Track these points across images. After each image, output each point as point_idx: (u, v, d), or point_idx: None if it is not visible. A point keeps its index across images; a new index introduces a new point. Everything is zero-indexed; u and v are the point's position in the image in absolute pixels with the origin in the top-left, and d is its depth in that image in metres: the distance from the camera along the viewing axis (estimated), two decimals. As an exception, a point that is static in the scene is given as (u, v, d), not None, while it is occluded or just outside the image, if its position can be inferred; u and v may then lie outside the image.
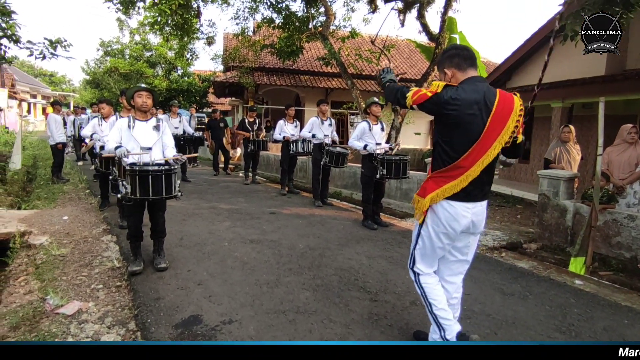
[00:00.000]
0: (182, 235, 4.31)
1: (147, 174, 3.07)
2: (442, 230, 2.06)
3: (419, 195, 2.12)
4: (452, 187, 2.00)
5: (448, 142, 2.00)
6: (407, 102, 2.07)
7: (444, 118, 1.98)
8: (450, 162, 2.00)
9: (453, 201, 2.02)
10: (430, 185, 2.07)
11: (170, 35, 11.04)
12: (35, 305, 2.71)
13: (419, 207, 2.11)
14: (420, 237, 2.16)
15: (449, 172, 2.01)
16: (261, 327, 2.46)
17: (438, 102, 1.95)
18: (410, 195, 6.46)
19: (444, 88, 1.96)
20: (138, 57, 21.29)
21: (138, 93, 3.30)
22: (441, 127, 2.04)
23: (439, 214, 2.05)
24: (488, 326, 2.60)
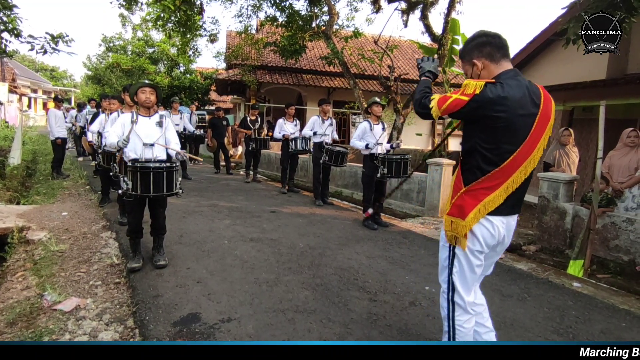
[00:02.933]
0: (182, 233, 4.31)
1: (149, 170, 3.08)
2: (477, 248, 1.80)
3: (454, 216, 1.80)
4: (493, 200, 1.73)
5: (492, 148, 1.71)
6: (432, 113, 1.78)
7: (489, 121, 1.68)
8: (490, 171, 1.73)
9: (491, 216, 1.76)
10: (467, 201, 1.77)
11: (173, 32, 11.03)
12: (33, 302, 2.71)
13: (458, 231, 1.79)
14: (455, 259, 1.86)
15: (489, 182, 1.74)
16: (260, 326, 2.47)
17: (481, 105, 1.66)
18: (411, 195, 6.46)
19: (486, 87, 1.67)
20: (140, 53, 21.27)
21: (142, 89, 3.30)
22: (482, 132, 1.72)
23: (476, 232, 1.77)
24: (486, 328, 2.60)
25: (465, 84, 1.72)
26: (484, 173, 1.74)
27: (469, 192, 1.78)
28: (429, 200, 6.10)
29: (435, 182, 5.99)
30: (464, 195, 1.79)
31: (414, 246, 4.32)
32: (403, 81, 13.15)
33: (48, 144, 9.95)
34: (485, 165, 1.73)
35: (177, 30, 10.76)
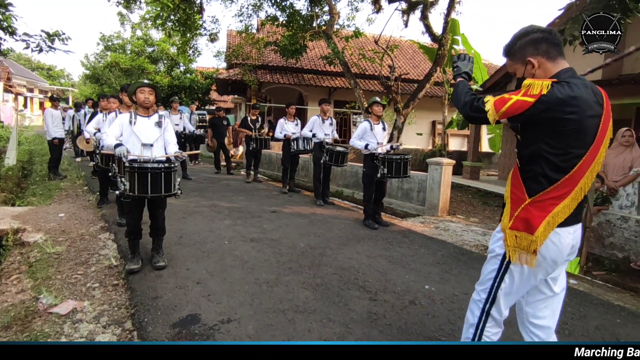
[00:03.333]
0: (182, 234, 4.30)
1: (146, 171, 3.06)
2: (542, 265, 1.64)
3: (519, 231, 1.63)
4: (562, 210, 1.59)
5: (560, 154, 1.56)
6: (489, 117, 1.61)
7: (557, 124, 1.53)
8: (558, 179, 1.58)
9: (559, 228, 1.61)
10: (534, 213, 1.61)
11: (173, 31, 11.02)
12: (28, 305, 2.68)
13: (527, 246, 1.61)
14: (508, 275, 1.69)
15: (557, 190, 1.59)
16: (260, 327, 2.46)
17: (550, 107, 1.51)
18: (411, 195, 6.45)
19: (553, 86, 1.52)
20: (140, 52, 21.26)
21: (140, 89, 3.29)
22: (549, 136, 1.56)
23: (542, 247, 1.62)
24: (487, 328, 2.59)
25: (528, 84, 1.57)
26: (551, 182, 1.59)
27: (535, 204, 1.62)
28: (429, 200, 6.09)
29: (436, 182, 5.98)
30: (529, 207, 1.62)
31: (414, 245, 4.31)
32: (404, 81, 13.14)
33: (45, 144, 9.90)
34: (552, 172, 1.58)
35: (176, 29, 10.75)
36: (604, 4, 4.64)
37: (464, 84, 1.84)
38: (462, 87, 1.82)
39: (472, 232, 5.12)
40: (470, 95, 1.74)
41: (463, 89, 1.80)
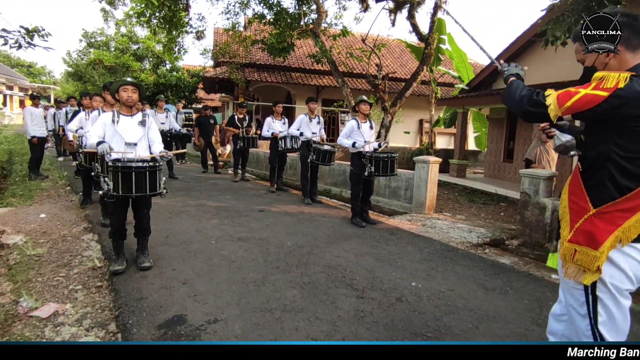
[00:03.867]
0: (168, 234, 4.26)
1: (130, 170, 3.02)
2: (627, 287, 1.43)
3: (579, 245, 1.46)
4: (636, 224, 1.39)
5: (635, 158, 1.38)
6: (550, 113, 1.43)
7: (634, 123, 1.36)
8: (632, 188, 1.39)
9: (636, 243, 1.40)
10: (600, 226, 1.42)
11: (158, 28, 10.85)
12: (7, 308, 2.61)
13: (587, 263, 1.43)
14: (600, 305, 1.45)
15: (628, 202, 1.40)
16: (247, 326, 2.45)
17: (626, 102, 1.33)
18: (399, 193, 6.51)
19: (632, 80, 1.34)
20: (124, 49, 20.88)
21: (123, 87, 3.24)
22: (622, 137, 1.39)
23: (621, 265, 1.41)
24: (470, 321, 2.64)
25: (601, 76, 1.39)
26: (621, 191, 1.40)
27: (601, 215, 1.43)
28: (417, 197, 6.15)
29: (423, 180, 6.04)
30: (594, 219, 1.43)
31: (402, 243, 4.35)
32: (391, 80, 13.22)
33: (25, 144, 9.65)
34: (624, 179, 1.39)
35: (162, 26, 10.58)
36: (584, 5, 4.74)
37: (517, 82, 1.66)
38: (517, 84, 1.63)
39: (458, 229, 5.19)
40: (526, 89, 1.56)
41: (518, 85, 1.62)
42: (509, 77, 1.74)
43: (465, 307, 2.85)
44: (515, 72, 1.75)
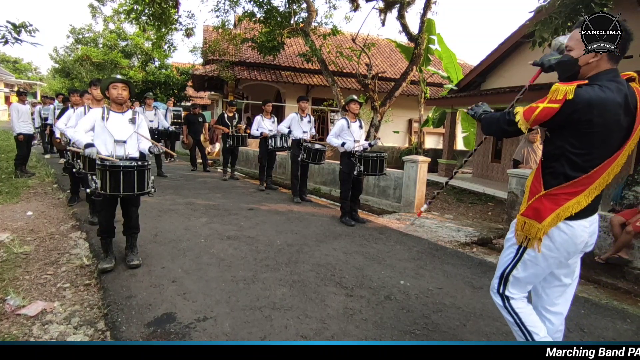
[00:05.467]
0: (157, 232, 4.23)
1: (119, 169, 2.99)
2: (554, 255, 1.74)
3: (529, 218, 1.76)
4: (574, 204, 1.67)
5: (583, 154, 1.63)
6: (520, 126, 1.69)
7: (583, 126, 1.60)
8: (577, 176, 1.66)
9: (571, 221, 1.69)
10: (545, 204, 1.71)
11: (147, 25, 10.73)
12: (-5, 307, 2.59)
13: (532, 233, 1.74)
14: (521, 262, 1.81)
15: (572, 187, 1.68)
16: (236, 324, 2.46)
17: (576, 109, 1.56)
18: (388, 192, 6.56)
19: (578, 90, 1.57)
20: (112, 46, 20.58)
21: (113, 84, 3.21)
22: (574, 137, 1.64)
23: (555, 238, 1.72)
24: (458, 318, 2.69)
25: (554, 90, 1.62)
26: (568, 179, 1.67)
27: (548, 196, 1.72)
28: (405, 197, 6.22)
29: (411, 179, 6.11)
30: (543, 199, 1.73)
31: (390, 242, 4.40)
32: (381, 79, 13.30)
33: (11, 140, 9.45)
34: (571, 171, 1.67)
35: (151, 23, 10.47)
36: (571, 8, 4.85)
37: (488, 114, 1.93)
38: (489, 115, 1.91)
39: (446, 229, 5.27)
40: (498, 114, 1.83)
41: (491, 115, 1.89)
42: (480, 115, 1.98)
43: (453, 305, 2.90)
44: (483, 110, 2.00)
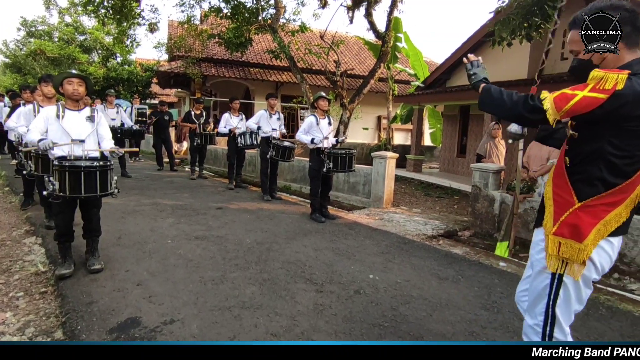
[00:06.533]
0: (121, 234, 4.07)
1: (79, 169, 2.85)
2: (594, 276, 1.50)
3: (565, 237, 1.47)
4: (615, 217, 1.43)
5: (626, 156, 1.39)
6: (549, 117, 1.40)
7: (631, 123, 1.36)
8: (618, 183, 1.42)
9: (612, 237, 1.46)
10: (584, 219, 1.45)
11: (107, 18, 10.27)
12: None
13: (573, 256, 1.46)
14: (562, 288, 1.51)
15: (613, 196, 1.43)
16: (205, 325, 2.42)
17: (626, 102, 1.32)
18: (358, 188, 6.64)
19: (631, 79, 1.33)
20: (69, 40, 19.50)
21: (68, 80, 3.04)
22: (617, 136, 1.39)
23: (594, 257, 1.46)
24: (424, 309, 2.78)
25: (600, 77, 1.35)
26: (608, 187, 1.42)
27: (585, 208, 1.45)
28: (375, 192, 6.32)
29: (380, 175, 6.21)
30: (579, 212, 1.45)
31: (360, 237, 4.47)
32: (349, 76, 13.40)
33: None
34: (611, 177, 1.41)
35: (111, 17, 10.03)
36: (527, 10, 5.09)
37: (494, 88, 1.62)
38: (496, 90, 1.59)
39: (414, 222, 5.40)
40: (516, 94, 1.52)
41: (500, 91, 1.58)
42: (478, 83, 1.72)
43: (420, 296, 2.98)
44: (483, 77, 1.73)
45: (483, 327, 2.55)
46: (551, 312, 1.53)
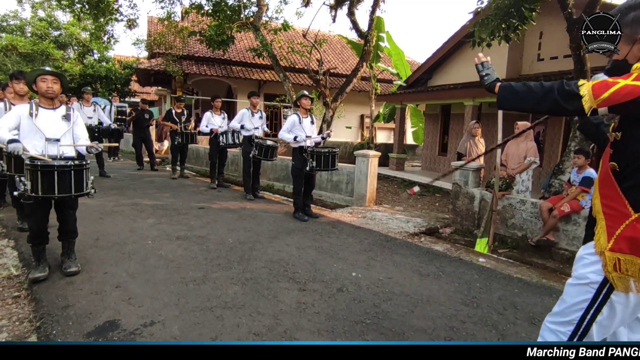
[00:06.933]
0: (99, 235, 3.97)
1: (52, 169, 2.75)
2: None
3: (625, 253, 1.33)
4: None
5: None
6: (584, 105, 1.31)
7: None
8: None
9: None
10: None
11: (83, 13, 9.97)
12: None
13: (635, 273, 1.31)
14: (608, 306, 1.39)
15: None
16: (186, 326, 2.39)
17: None
18: (341, 186, 6.67)
19: None
20: (43, 35, 18.81)
21: (41, 77, 2.94)
22: None
23: None
24: (406, 305, 2.82)
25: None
26: None
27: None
28: (357, 191, 6.36)
29: (363, 173, 6.26)
30: (637, 225, 1.30)
31: (343, 235, 4.49)
32: (332, 75, 13.43)
33: None
34: None
35: (87, 12, 9.75)
36: (505, 11, 5.21)
37: (515, 83, 1.53)
38: (520, 84, 1.49)
39: (396, 220, 5.47)
40: (546, 82, 1.43)
41: (524, 84, 1.48)
42: (493, 83, 1.62)
43: (402, 293, 3.02)
44: (496, 77, 1.65)
45: (462, 322, 2.61)
46: (585, 325, 1.43)
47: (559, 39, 5.62)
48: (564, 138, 7.59)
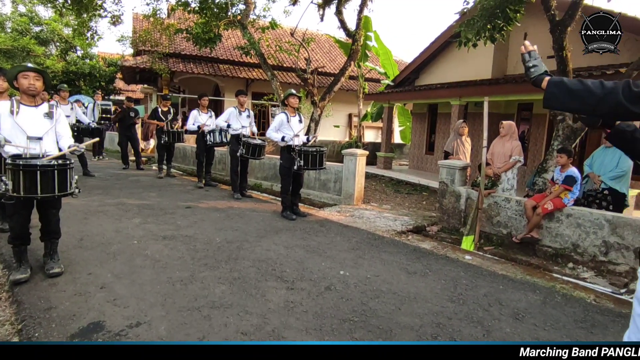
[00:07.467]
0: (83, 236, 3.90)
1: (35, 169, 2.69)
2: None
3: None
4: None
5: None
6: None
7: None
8: None
9: None
10: None
11: (65, 9, 9.74)
12: None
13: None
14: None
15: None
16: (173, 327, 2.37)
17: None
18: (329, 185, 6.68)
19: None
20: (23, 31, 18.32)
21: (23, 74, 2.87)
22: None
23: None
24: (393, 303, 2.85)
25: None
26: None
27: None
28: (345, 189, 6.38)
29: (351, 172, 6.28)
30: None
31: (331, 234, 4.50)
32: (320, 74, 13.44)
33: None
34: None
35: (69, 7, 9.52)
36: (490, 12, 5.29)
37: (568, 79, 1.39)
38: (575, 81, 1.34)
39: (384, 218, 5.51)
40: (606, 81, 1.27)
41: (580, 81, 1.33)
42: (541, 76, 1.44)
43: (389, 290, 3.05)
44: (544, 69, 1.46)
45: (449, 319, 2.65)
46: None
47: (543, 40, 5.75)
48: (548, 137, 7.76)
